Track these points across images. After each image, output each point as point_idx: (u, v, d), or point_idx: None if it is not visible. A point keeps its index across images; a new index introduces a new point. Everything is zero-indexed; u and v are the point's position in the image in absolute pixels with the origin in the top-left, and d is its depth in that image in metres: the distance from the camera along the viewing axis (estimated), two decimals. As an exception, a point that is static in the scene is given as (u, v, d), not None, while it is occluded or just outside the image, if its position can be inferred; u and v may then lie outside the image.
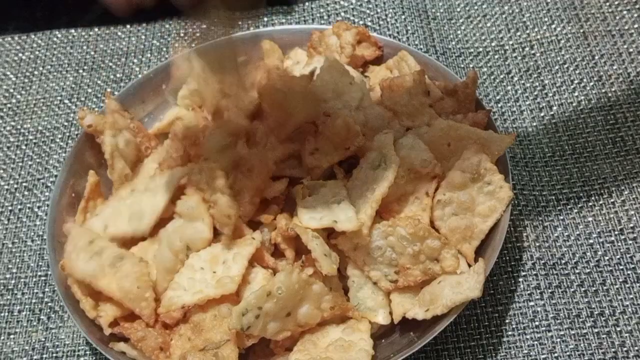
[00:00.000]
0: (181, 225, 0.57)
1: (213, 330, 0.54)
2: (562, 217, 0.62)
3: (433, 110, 0.62)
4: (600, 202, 0.63)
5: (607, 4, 0.76)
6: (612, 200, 0.63)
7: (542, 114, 0.69)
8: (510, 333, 0.56)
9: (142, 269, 0.55)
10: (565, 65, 0.72)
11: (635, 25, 0.74)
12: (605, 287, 0.58)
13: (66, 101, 0.77)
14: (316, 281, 0.51)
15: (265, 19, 0.80)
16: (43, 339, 0.61)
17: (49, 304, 0.63)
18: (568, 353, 0.55)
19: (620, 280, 0.58)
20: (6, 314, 0.63)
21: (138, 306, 0.55)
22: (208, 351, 0.52)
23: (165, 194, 0.59)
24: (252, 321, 0.50)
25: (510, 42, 0.75)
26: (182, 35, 0.81)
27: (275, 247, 0.57)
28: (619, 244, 0.60)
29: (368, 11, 0.79)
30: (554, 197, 0.63)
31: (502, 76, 0.72)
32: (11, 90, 0.78)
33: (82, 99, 0.77)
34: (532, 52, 0.74)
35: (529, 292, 0.58)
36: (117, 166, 0.61)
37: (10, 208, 0.69)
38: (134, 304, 0.55)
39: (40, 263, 0.65)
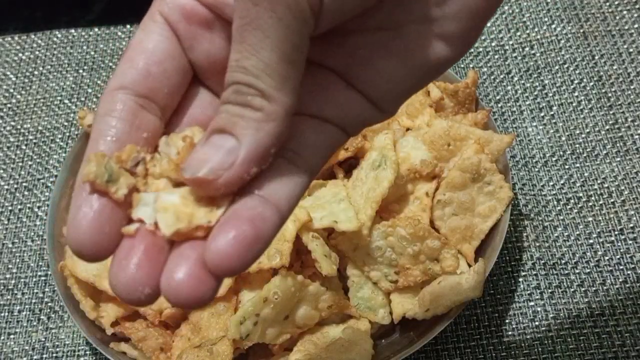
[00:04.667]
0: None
1: (210, 329, 0.54)
2: (562, 217, 0.62)
3: (433, 110, 0.62)
4: (600, 202, 0.63)
5: (607, 4, 0.76)
6: (612, 200, 0.63)
7: (542, 114, 0.69)
8: (510, 333, 0.56)
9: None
10: (565, 65, 0.72)
11: (635, 25, 0.74)
12: (605, 287, 0.58)
13: (66, 101, 0.77)
14: (312, 282, 0.51)
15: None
16: (43, 339, 0.61)
17: (49, 304, 0.63)
18: (568, 353, 0.55)
19: (620, 280, 0.58)
20: (6, 314, 0.63)
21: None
22: (203, 347, 0.52)
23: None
24: (251, 329, 0.50)
25: (510, 42, 0.75)
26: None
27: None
28: (619, 244, 0.60)
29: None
30: (554, 197, 0.63)
31: (502, 76, 0.72)
32: (11, 90, 0.78)
33: (82, 99, 0.77)
34: (532, 52, 0.74)
35: (529, 292, 0.58)
36: None
37: (10, 208, 0.69)
38: None
39: (40, 263, 0.65)
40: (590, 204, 0.63)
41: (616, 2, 0.76)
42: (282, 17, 0.24)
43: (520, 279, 0.59)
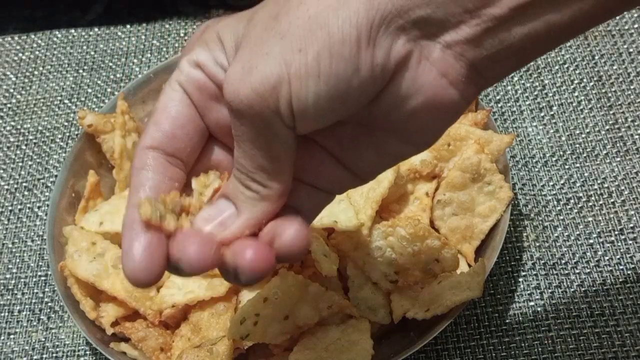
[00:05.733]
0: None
1: (210, 329, 0.54)
2: (562, 217, 0.62)
3: (433, 110, 0.62)
4: (600, 202, 0.63)
5: (607, 4, 0.76)
6: (612, 200, 0.63)
7: (542, 114, 0.69)
8: (510, 333, 0.56)
9: (145, 269, 0.55)
10: (565, 65, 0.72)
11: (635, 25, 0.74)
12: (605, 287, 0.58)
13: (66, 101, 0.77)
14: (312, 282, 0.51)
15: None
16: (43, 339, 0.61)
17: (49, 304, 0.63)
18: (568, 353, 0.55)
19: (620, 280, 0.58)
20: (6, 314, 0.63)
21: (143, 305, 0.55)
22: (203, 347, 0.52)
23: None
24: (251, 329, 0.50)
25: (510, 42, 0.75)
26: (182, 35, 0.81)
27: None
28: (619, 244, 0.60)
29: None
30: (554, 197, 0.63)
31: (502, 76, 0.72)
32: (11, 90, 0.78)
33: (82, 99, 0.77)
34: (532, 52, 0.73)
35: (529, 292, 0.58)
36: (125, 167, 0.61)
37: (10, 208, 0.69)
38: (139, 303, 0.55)
39: (40, 263, 0.65)
40: (590, 204, 0.63)
41: (616, 2, 0.76)
42: (263, 133, 0.30)
43: (520, 279, 0.59)
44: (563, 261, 0.60)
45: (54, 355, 0.60)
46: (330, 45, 0.28)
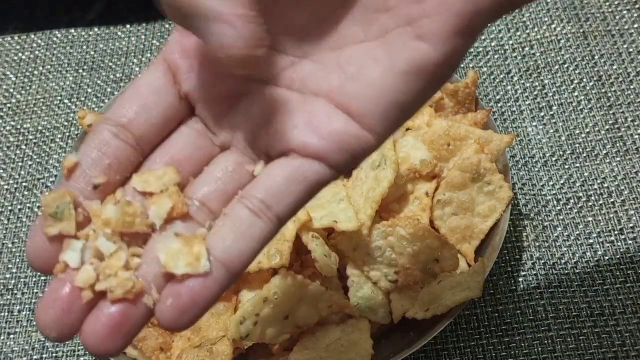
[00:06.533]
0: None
1: (210, 329, 0.54)
2: (562, 217, 0.62)
3: (433, 110, 0.62)
4: (600, 202, 0.63)
5: (607, 4, 0.76)
6: (612, 200, 0.63)
7: (542, 114, 0.69)
8: (510, 333, 0.56)
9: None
10: (565, 65, 0.72)
11: (635, 25, 0.74)
12: (605, 287, 0.58)
13: (66, 101, 0.77)
14: (312, 282, 0.51)
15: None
16: (43, 339, 0.61)
17: (49, 304, 0.63)
18: (568, 353, 0.55)
19: (620, 280, 0.58)
20: (6, 314, 0.63)
21: None
22: (203, 347, 0.52)
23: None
24: (251, 329, 0.50)
25: (510, 42, 0.75)
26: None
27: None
28: (619, 244, 0.60)
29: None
30: (554, 197, 0.63)
31: (502, 76, 0.72)
32: (11, 90, 0.78)
33: (82, 99, 0.77)
34: (532, 52, 0.74)
35: (529, 292, 0.58)
36: None
37: (10, 208, 0.69)
38: None
39: (40, 263, 0.65)
40: (590, 204, 0.63)
41: (616, 2, 0.76)
42: None
43: (520, 279, 0.59)
44: (563, 261, 0.60)
45: (54, 355, 0.60)
46: None
